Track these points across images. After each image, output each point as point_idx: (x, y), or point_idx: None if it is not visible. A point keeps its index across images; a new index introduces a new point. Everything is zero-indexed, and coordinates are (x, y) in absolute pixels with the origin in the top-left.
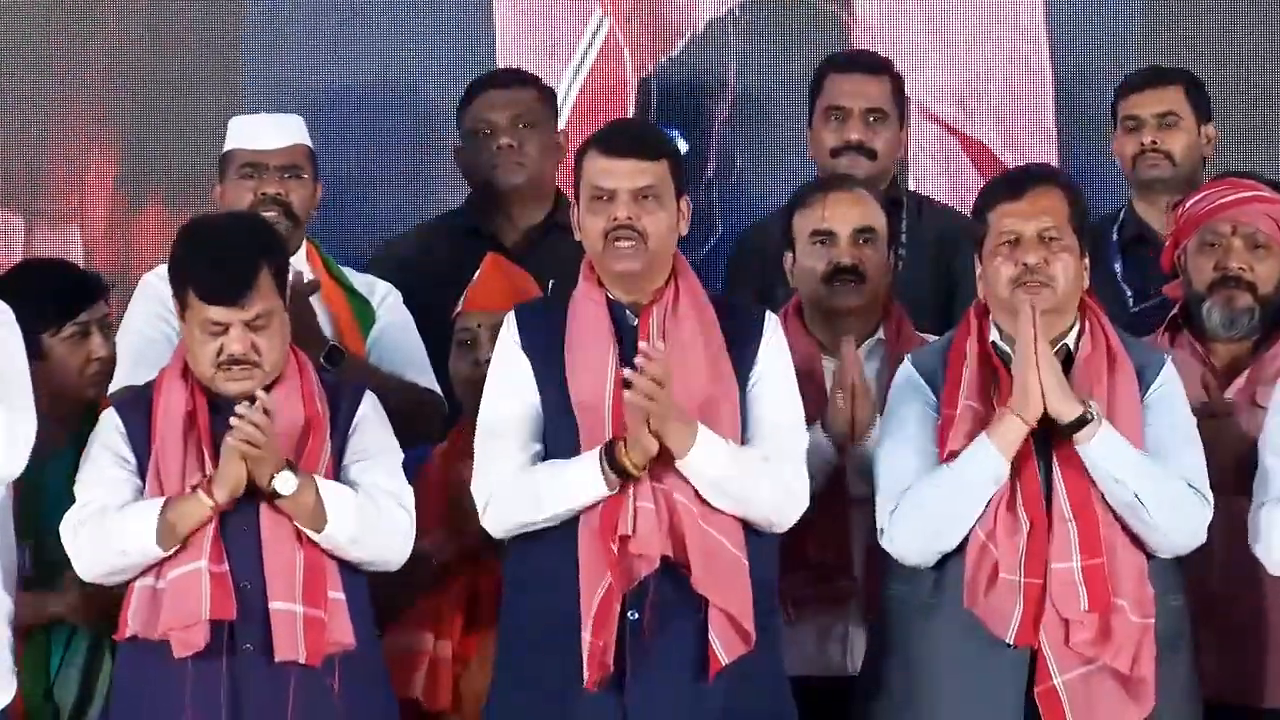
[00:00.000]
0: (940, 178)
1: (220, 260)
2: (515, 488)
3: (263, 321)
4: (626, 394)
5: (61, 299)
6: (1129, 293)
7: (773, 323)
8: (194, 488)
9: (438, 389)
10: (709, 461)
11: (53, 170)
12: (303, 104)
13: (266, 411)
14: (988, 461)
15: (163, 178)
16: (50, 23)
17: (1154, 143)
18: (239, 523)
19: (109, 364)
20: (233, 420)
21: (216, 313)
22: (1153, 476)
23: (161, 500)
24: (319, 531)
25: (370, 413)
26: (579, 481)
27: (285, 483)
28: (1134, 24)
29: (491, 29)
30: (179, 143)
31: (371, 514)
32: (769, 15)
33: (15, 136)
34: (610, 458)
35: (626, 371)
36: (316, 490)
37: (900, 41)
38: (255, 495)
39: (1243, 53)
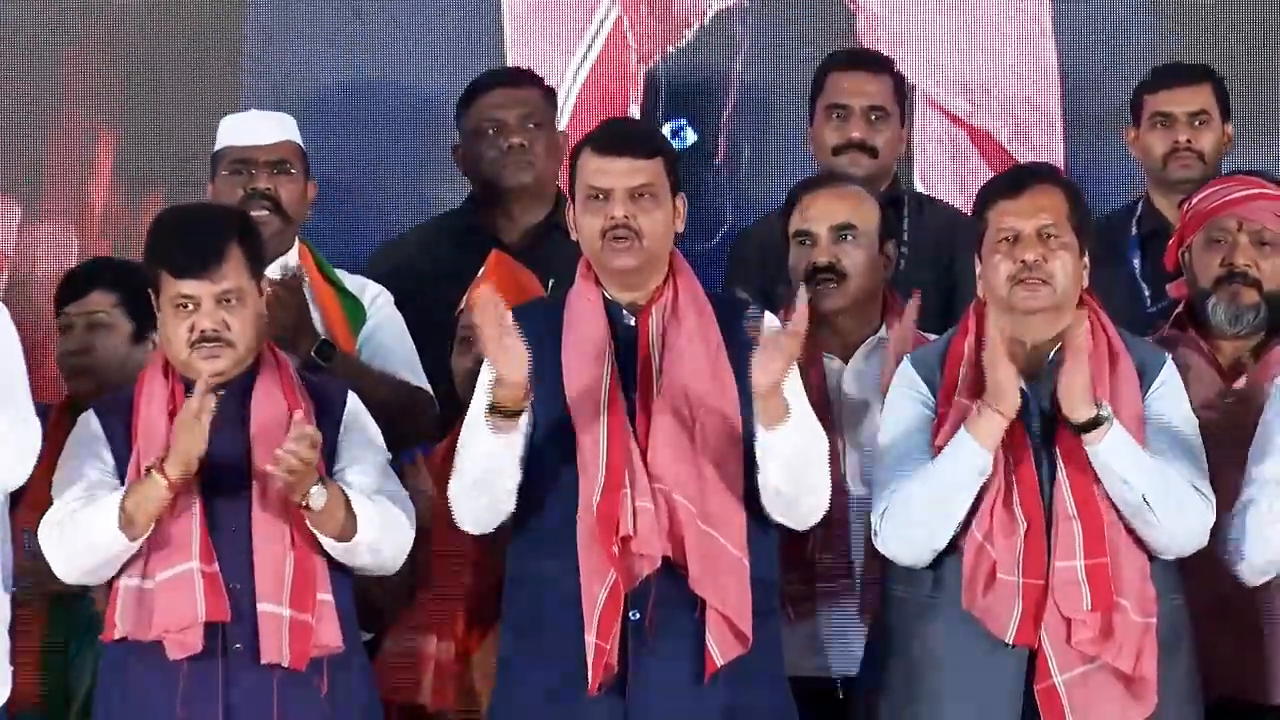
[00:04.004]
0: (945, 168)
1: (190, 235)
2: (461, 490)
3: (234, 298)
4: None
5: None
6: (1147, 292)
7: (771, 321)
8: (148, 469)
9: (428, 387)
10: (795, 435)
11: (51, 163)
12: (303, 101)
13: (307, 437)
14: (969, 454)
15: (161, 172)
16: (51, 15)
17: (1188, 142)
18: (229, 523)
19: (78, 358)
20: (279, 452)
21: (186, 286)
22: (1160, 478)
23: (121, 490)
24: (347, 540)
25: (359, 413)
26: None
27: (318, 498)
28: (1140, 13)
29: (498, 24)
30: (178, 138)
31: (386, 520)
32: (777, 7)
33: (15, 127)
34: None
35: None
36: (346, 500)
37: (906, 32)
38: (246, 494)
39: (1249, 43)
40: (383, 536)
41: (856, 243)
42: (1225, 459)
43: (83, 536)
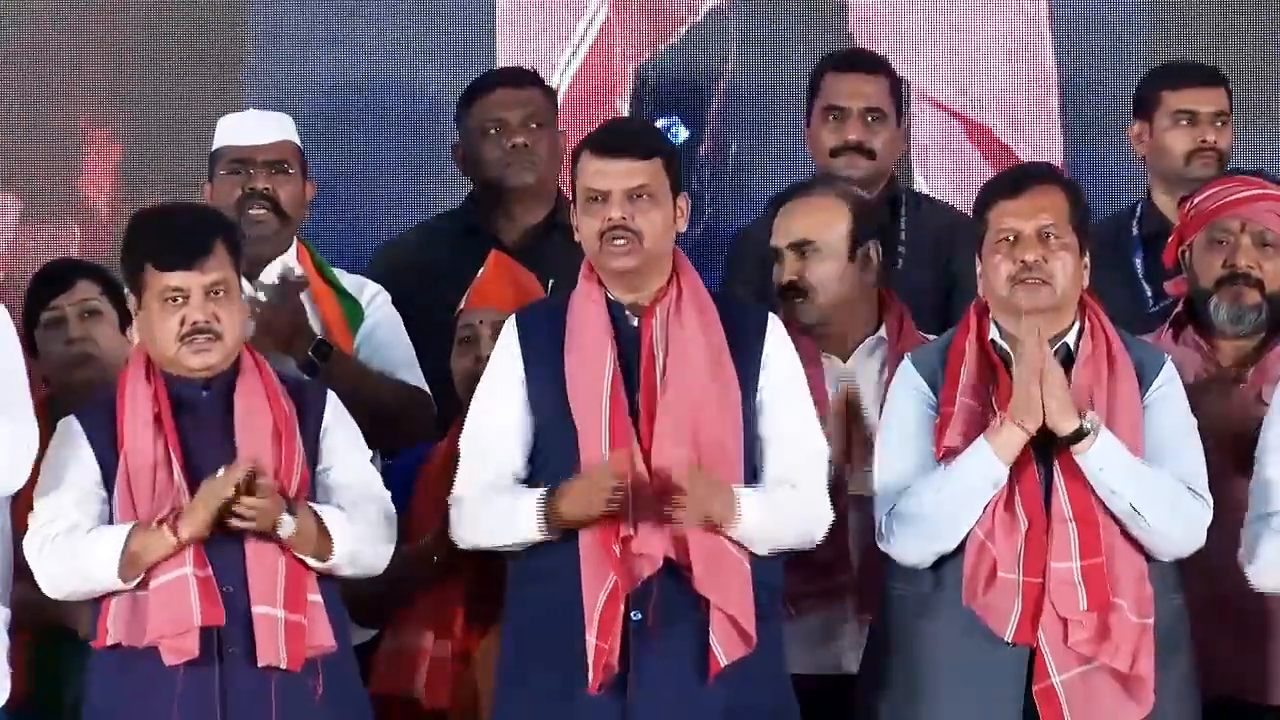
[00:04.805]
0: (943, 163)
1: (175, 229)
2: (472, 510)
3: (222, 291)
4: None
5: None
6: (1149, 292)
7: (775, 322)
8: (159, 522)
9: (426, 388)
10: (750, 523)
11: (53, 163)
12: (303, 101)
13: (256, 474)
14: (986, 466)
15: (163, 171)
16: (51, 14)
17: (1214, 142)
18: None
19: (81, 345)
20: (236, 509)
21: (175, 278)
22: (1151, 485)
23: (128, 528)
24: (325, 560)
25: (338, 413)
26: (519, 525)
27: (287, 527)
28: (1139, 13)
29: (490, 23)
30: (180, 137)
31: (362, 530)
32: (769, 5)
33: (17, 126)
34: (547, 509)
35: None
36: (317, 520)
37: (900, 27)
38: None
39: (1249, 43)
40: (360, 546)
41: (818, 257)
42: (1223, 459)
43: (79, 568)
